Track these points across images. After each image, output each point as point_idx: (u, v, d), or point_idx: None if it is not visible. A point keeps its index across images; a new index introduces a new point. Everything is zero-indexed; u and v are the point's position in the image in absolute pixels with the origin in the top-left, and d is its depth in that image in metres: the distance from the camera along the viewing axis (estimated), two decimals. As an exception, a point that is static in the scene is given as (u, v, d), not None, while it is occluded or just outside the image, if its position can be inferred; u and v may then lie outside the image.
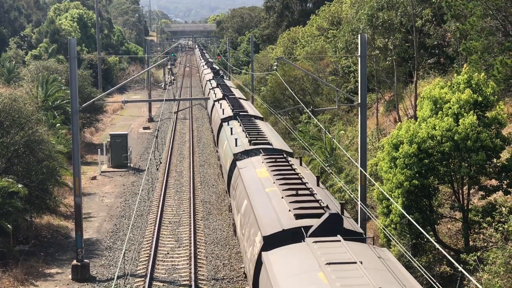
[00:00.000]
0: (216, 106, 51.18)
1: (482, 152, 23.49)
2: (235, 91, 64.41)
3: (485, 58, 29.54)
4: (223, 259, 29.35)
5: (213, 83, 71.31)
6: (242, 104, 50.46)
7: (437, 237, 25.43)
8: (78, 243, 27.62)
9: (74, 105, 27.25)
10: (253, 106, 54.19)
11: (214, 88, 66.18)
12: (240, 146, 34.30)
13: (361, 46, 26.64)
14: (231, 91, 61.94)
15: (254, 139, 34.78)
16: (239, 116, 43.11)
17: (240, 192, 26.52)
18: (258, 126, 39.89)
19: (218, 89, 63.53)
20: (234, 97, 55.67)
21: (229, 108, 47.38)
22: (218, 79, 75.75)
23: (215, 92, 61.03)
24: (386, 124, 45.74)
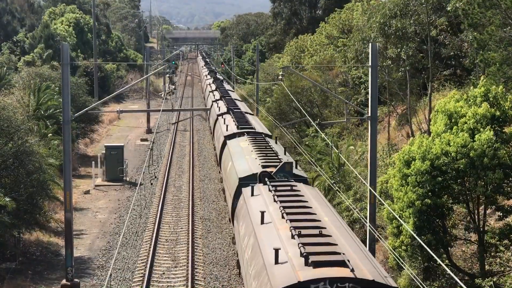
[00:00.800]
0: (220, 122, 49.62)
1: (500, 170, 23.32)
2: (241, 105, 61.78)
3: (504, 70, 29.41)
4: (223, 281, 29.15)
5: (216, 95, 68.56)
6: (249, 120, 48.56)
7: (450, 261, 25.22)
8: (68, 262, 27.46)
9: (66, 115, 27.16)
10: (260, 122, 51.88)
11: (217, 101, 63.53)
12: (246, 169, 30.60)
13: (372, 56, 26.54)
14: (237, 105, 59.33)
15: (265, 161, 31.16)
16: (248, 134, 40.74)
17: None
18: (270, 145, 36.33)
19: (222, 102, 61.14)
20: (239, 111, 53.21)
21: (234, 124, 45.02)
22: (222, 90, 73.38)
23: (218, 106, 58.93)
24: (398, 139, 45.60)
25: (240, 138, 39.68)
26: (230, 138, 40.46)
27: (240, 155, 33.74)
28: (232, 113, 50.17)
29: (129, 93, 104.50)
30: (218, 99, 63.30)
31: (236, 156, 34.10)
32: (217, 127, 49.66)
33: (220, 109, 55.10)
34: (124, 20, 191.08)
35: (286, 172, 28.14)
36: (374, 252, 26.57)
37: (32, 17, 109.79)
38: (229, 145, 38.33)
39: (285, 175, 27.92)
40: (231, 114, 50.24)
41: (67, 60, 26.98)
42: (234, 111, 51.64)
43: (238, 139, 39.12)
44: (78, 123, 56.60)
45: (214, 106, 59.19)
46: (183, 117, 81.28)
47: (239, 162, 32.28)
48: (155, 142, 62.03)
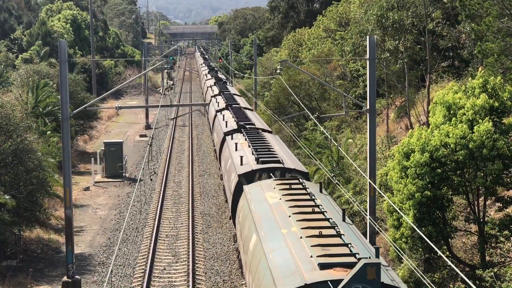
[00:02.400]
0: (219, 118, 49.31)
1: (499, 161, 23.31)
2: (241, 102, 59.93)
3: (502, 61, 29.38)
4: (223, 275, 29.16)
5: (215, 90, 68.27)
6: (249, 116, 47.79)
7: (451, 252, 25.23)
8: (69, 258, 27.43)
9: (65, 111, 27.13)
10: (262, 120, 50.51)
11: (216, 96, 63.29)
12: (246, 165, 31.31)
13: (370, 49, 26.50)
14: (236, 101, 58.06)
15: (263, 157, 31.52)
16: (245, 129, 40.76)
17: None
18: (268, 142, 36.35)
19: (221, 98, 60.40)
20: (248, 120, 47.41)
21: (233, 121, 44.89)
22: (221, 85, 72.38)
23: (217, 101, 58.46)
24: (397, 131, 45.59)
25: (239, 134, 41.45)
26: (229, 134, 41.56)
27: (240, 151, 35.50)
28: (231, 109, 51.97)
29: (128, 89, 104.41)
30: (216, 94, 64.16)
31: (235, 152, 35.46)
32: (216, 123, 50.72)
33: (219, 105, 56.17)
34: (121, 16, 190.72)
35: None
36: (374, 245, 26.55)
37: (29, 15, 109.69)
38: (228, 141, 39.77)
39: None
40: (229, 110, 51.10)
41: (65, 57, 26.94)
42: (233, 106, 53.27)
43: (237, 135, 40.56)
44: (77, 120, 56.56)
45: (213, 102, 60.46)
46: (181, 113, 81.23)
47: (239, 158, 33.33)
48: (154, 138, 61.99)
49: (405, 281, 24.35)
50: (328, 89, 55.40)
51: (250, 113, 51.69)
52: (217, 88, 70.42)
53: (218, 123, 48.19)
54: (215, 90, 68.16)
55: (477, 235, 25.19)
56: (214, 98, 62.45)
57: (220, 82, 77.16)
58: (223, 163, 38.75)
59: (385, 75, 45.15)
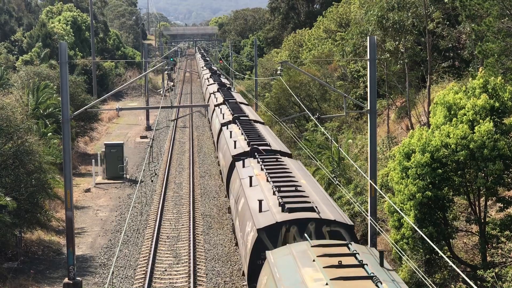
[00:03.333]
0: (225, 135, 42.11)
1: (500, 162, 23.31)
2: (248, 112, 52.71)
3: (503, 61, 29.38)
4: (225, 277, 29.17)
5: (219, 98, 61.66)
6: (262, 134, 40.13)
7: (452, 252, 25.22)
8: (70, 260, 27.44)
9: (65, 113, 27.14)
10: (277, 138, 42.12)
11: (220, 105, 56.81)
12: (267, 214, 23.74)
13: (371, 49, 26.49)
14: (244, 112, 50.74)
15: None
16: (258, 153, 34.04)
17: None
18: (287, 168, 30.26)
19: (226, 107, 54.25)
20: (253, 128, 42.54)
21: (244, 140, 38.15)
22: (225, 92, 65.91)
23: (222, 112, 52.02)
24: (398, 131, 45.58)
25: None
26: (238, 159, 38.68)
27: None
28: (239, 123, 46.87)
29: (128, 90, 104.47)
30: (220, 103, 59.26)
31: None
32: (221, 138, 46.67)
33: (224, 116, 51.95)
34: (121, 17, 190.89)
35: None
36: (375, 246, 26.56)
37: (30, 16, 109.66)
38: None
39: None
40: (237, 124, 45.54)
41: (65, 58, 26.95)
42: (241, 119, 47.81)
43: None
44: (78, 122, 56.61)
45: (216, 112, 55.69)
46: (182, 114, 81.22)
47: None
48: (154, 139, 62.02)
49: (406, 282, 24.34)
50: (329, 90, 55.39)
51: (262, 128, 43.76)
52: (221, 95, 63.51)
53: (224, 141, 40.85)
54: (219, 98, 61.44)
55: (478, 235, 25.18)
56: (218, 107, 55.75)
57: (224, 88, 71.29)
58: (233, 197, 30.69)
59: (385, 76, 45.14)
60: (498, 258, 24.39)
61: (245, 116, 47.90)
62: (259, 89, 74.03)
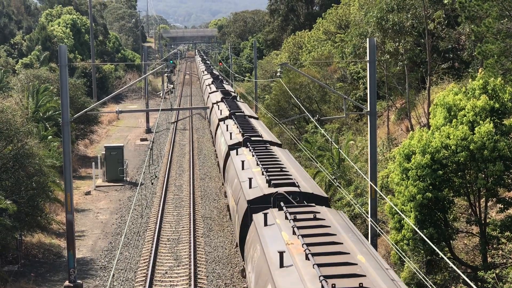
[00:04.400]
0: (235, 163, 31.89)
1: (500, 162, 23.32)
2: (262, 130, 42.83)
3: (502, 62, 29.39)
4: (225, 279, 29.16)
5: (224, 110, 52.92)
6: (285, 168, 29.22)
7: (452, 253, 25.22)
8: (71, 263, 27.46)
9: (65, 116, 27.16)
10: (304, 172, 30.19)
11: (225, 120, 47.85)
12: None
13: (370, 51, 26.51)
14: (257, 131, 41.27)
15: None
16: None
17: None
18: None
19: (233, 123, 45.11)
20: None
21: (261, 174, 28.16)
22: (230, 103, 56.91)
23: (229, 129, 42.75)
24: (398, 133, 45.59)
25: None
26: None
27: None
28: (252, 147, 45.08)
29: (128, 93, 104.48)
30: (226, 117, 50.63)
31: None
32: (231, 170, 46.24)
33: (232, 136, 48.15)
34: (121, 20, 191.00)
35: None
36: (376, 247, 26.57)
37: (29, 19, 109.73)
38: None
39: None
40: (250, 148, 41.31)
41: (65, 61, 26.98)
42: (252, 140, 44.43)
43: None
44: (78, 124, 56.62)
45: (221, 128, 47.29)
46: (182, 116, 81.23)
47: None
48: (154, 142, 62.03)
49: (407, 283, 24.35)
50: (329, 92, 55.41)
51: (282, 154, 32.96)
52: (226, 107, 54.69)
53: (234, 172, 30.91)
54: (223, 110, 52.99)
55: (479, 236, 25.18)
56: (223, 122, 47.03)
57: (228, 97, 61.72)
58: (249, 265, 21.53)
59: (385, 77, 45.16)
60: (498, 259, 24.39)
61: (258, 136, 38.83)
62: (259, 91, 74.06)
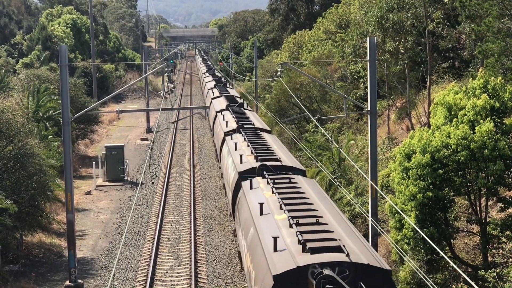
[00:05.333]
0: (249, 199, 25.06)
1: (500, 162, 23.32)
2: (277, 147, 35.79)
3: (503, 61, 29.38)
4: (226, 278, 29.17)
5: (231, 121, 45.38)
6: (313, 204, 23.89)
7: (453, 253, 25.22)
8: (71, 263, 27.47)
9: (66, 116, 27.17)
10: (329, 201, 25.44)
11: (231, 134, 40.80)
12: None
13: (371, 50, 26.52)
14: (273, 152, 33.01)
15: None
16: None
17: None
18: None
19: (242, 138, 37.91)
20: None
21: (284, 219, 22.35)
22: (237, 112, 49.79)
23: (238, 147, 35.58)
24: (398, 132, 45.58)
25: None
26: None
27: None
28: (269, 176, 41.76)
29: (128, 93, 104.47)
30: (234, 129, 44.00)
31: None
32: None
33: (243, 160, 44.20)
34: (121, 20, 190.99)
35: None
36: (376, 246, 26.59)
37: (29, 19, 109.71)
38: None
39: None
40: (267, 178, 36.23)
41: (65, 61, 26.99)
42: (268, 166, 41.78)
43: None
44: (78, 124, 56.62)
45: (228, 144, 40.71)
46: (182, 116, 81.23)
47: None
48: (155, 141, 62.03)
49: (407, 283, 24.36)
50: (329, 91, 55.40)
51: (307, 185, 25.63)
52: (232, 116, 47.09)
53: (246, 208, 24.42)
54: (230, 122, 45.22)
55: (479, 235, 25.18)
56: (229, 136, 39.86)
57: (234, 105, 53.87)
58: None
59: (385, 77, 45.15)
60: (499, 258, 24.40)
61: (274, 158, 30.78)
62: (259, 91, 74.06)
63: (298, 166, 30.72)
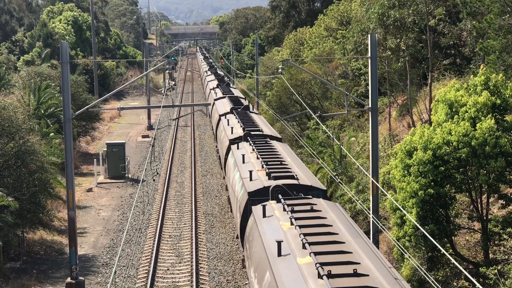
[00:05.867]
0: (260, 228, 22.92)
1: (502, 159, 23.30)
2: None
3: (504, 58, 29.36)
4: (227, 275, 29.17)
5: (236, 128, 41.21)
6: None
7: (454, 250, 25.21)
8: (72, 260, 27.47)
9: (67, 113, 27.16)
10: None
11: (237, 142, 36.82)
12: None
13: (372, 47, 26.50)
14: (288, 169, 29.04)
15: None
16: None
17: None
18: None
19: (250, 148, 34.31)
20: None
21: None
22: (242, 115, 46.20)
23: (246, 160, 31.85)
24: (399, 129, 45.55)
25: None
26: None
27: None
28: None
29: (129, 90, 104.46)
30: (240, 137, 45.62)
31: None
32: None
33: (252, 177, 42.02)
34: (122, 17, 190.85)
35: None
36: (377, 243, 26.57)
37: (30, 16, 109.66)
38: None
39: None
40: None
41: (67, 58, 26.97)
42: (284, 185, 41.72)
43: None
44: (79, 121, 56.63)
45: (235, 153, 38.18)
46: (183, 113, 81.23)
47: None
48: (156, 139, 62.03)
49: (408, 280, 24.35)
50: (330, 88, 55.37)
51: (332, 212, 22.02)
52: (238, 121, 42.66)
53: (260, 243, 20.66)
54: (235, 128, 41.08)
55: (481, 232, 25.17)
56: (235, 145, 35.85)
57: (239, 107, 49.83)
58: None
59: (387, 74, 45.11)
60: (500, 255, 24.38)
61: (290, 177, 27.34)
62: (260, 88, 74.02)
63: (318, 186, 27.07)
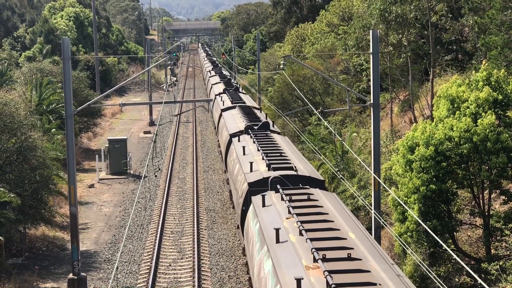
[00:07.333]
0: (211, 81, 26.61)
1: (503, 154, 23.28)
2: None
3: (506, 54, 29.32)
4: (229, 271, 29.19)
5: (251, 146, 33.74)
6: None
7: (456, 245, 25.21)
8: (74, 256, 27.48)
9: (68, 109, 27.16)
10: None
11: (250, 163, 29.40)
12: None
13: (373, 43, 26.46)
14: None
15: None
16: None
17: None
18: None
19: (266, 167, 28.47)
20: None
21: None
22: (261, 135, 36.98)
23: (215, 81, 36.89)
24: (401, 125, 45.54)
25: None
26: None
27: None
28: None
29: (131, 86, 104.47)
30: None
31: None
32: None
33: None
34: (124, 13, 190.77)
35: None
36: (379, 239, 26.57)
37: (32, 12, 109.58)
38: None
39: None
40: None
41: (68, 54, 26.96)
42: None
43: None
44: (81, 117, 56.65)
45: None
46: (185, 109, 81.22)
47: None
48: (158, 135, 62.05)
49: (410, 276, 24.36)
50: (332, 84, 55.35)
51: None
52: (257, 149, 32.40)
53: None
54: (250, 146, 33.69)
55: (482, 228, 25.16)
56: (250, 164, 29.24)
57: (257, 123, 40.49)
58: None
59: (388, 69, 45.07)
60: (502, 251, 24.38)
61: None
62: (262, 84, 74.01)
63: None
